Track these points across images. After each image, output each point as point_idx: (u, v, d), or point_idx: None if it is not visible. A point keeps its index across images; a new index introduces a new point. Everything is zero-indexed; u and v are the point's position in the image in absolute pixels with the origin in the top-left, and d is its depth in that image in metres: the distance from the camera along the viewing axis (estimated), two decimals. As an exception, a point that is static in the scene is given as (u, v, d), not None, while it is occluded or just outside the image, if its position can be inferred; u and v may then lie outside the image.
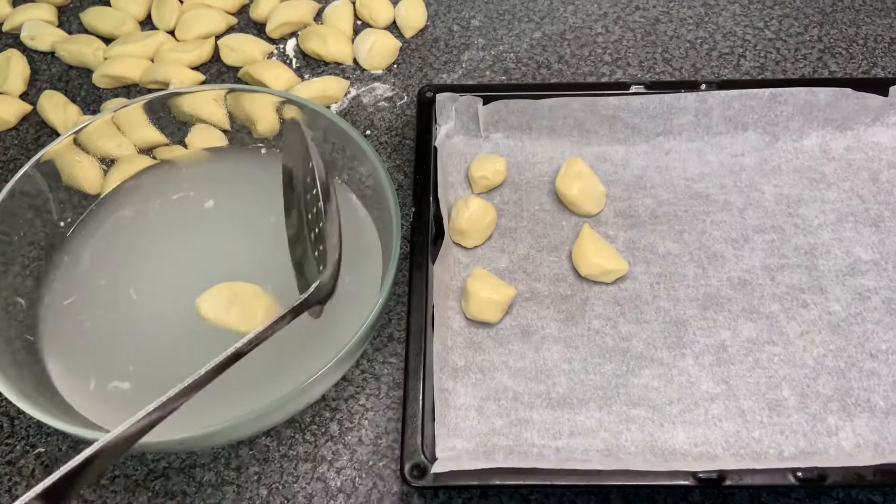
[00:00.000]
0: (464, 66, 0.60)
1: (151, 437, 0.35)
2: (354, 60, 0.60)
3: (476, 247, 0.48)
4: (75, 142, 0.45)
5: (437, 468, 0.37)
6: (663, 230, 0.48)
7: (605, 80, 0.58)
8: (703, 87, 0.51)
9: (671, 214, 0.49)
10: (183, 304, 0.43)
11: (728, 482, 0.36)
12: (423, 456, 0.37)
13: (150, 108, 0.47)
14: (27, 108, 0.58)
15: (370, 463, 0.41)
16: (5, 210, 0.42)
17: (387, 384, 0.43)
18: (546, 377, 0.43)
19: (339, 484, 0.40)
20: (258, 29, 0.63)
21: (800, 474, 0.36)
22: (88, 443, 0.41)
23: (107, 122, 0.46)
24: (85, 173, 0.46)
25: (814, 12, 0.62)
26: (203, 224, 0.47)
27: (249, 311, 0.41)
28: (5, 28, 0.64)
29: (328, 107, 0.57)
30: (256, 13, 0.63)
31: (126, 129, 0.48)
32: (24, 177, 0.43)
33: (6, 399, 0.43)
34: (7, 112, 0.57)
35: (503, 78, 0.59)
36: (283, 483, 0.40)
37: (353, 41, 0.61)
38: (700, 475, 0.36)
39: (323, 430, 0.42)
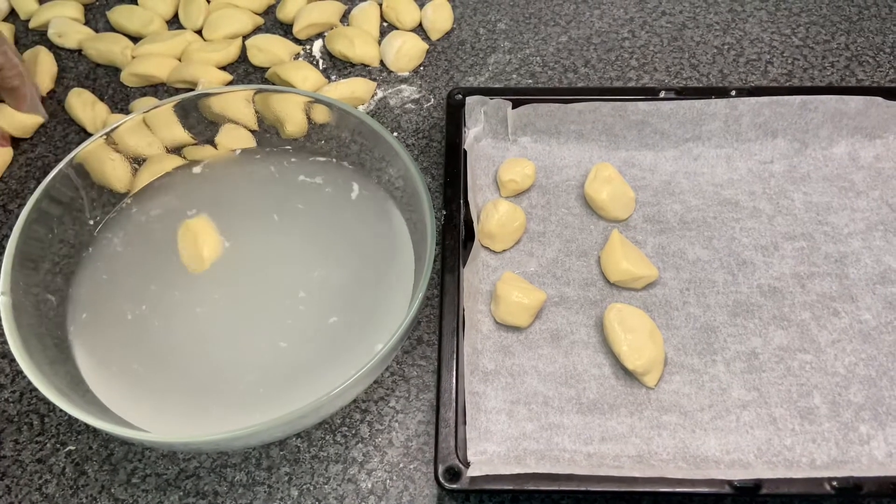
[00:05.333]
0: (490, 69, 0.60)
1: (184, 438, 0.35)
2: (381, 62, 0.60)
3: (505, 250, 0.48)
4: (108, 141, 0.45)
5: (472, 472, 0.37)
6: (692, 236, 0.48)
7: (631, 84, 0.58)
8: (734, 93, 0.51)
9: (700, 220, 0.49)
10: (212, 300, 0.43)
11: (764, 490, 0.36)
12: (457, 459, 0.37)
13: (181, 109, 0.47)
14: (55, 105, 0.58)
15: (401, 465, 0.41)
16: (41, 209, 0.42)
17: (416, 386, 0.43)
18: (576, 382, 0.42)
19: (370, 486, 0.40)
20: (285, 30, 0.63)
21: (835, 484, 0.36)
22: (120, 440, 0.41)
23: (139, 121, 0.46)
24: (116, 172, 0.47)
25: (840, 20, 0.62)
26: (231, 223, 0.47)
27: None
28: (32, 25, 0.64)
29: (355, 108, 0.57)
30: (283, 14, 0.63)
31: (156, 129, 0.48)
32: (59, 175, 0.43)
33: (36, 397, 0.44)
34: (35, 109, 0.57)
35: (529, 81, 0.59)
36: (315, 484, 0.40)
37: (379, 43, 0.61)
38: (736, 483, 0.36)
39: (353, 432, 0.42)
